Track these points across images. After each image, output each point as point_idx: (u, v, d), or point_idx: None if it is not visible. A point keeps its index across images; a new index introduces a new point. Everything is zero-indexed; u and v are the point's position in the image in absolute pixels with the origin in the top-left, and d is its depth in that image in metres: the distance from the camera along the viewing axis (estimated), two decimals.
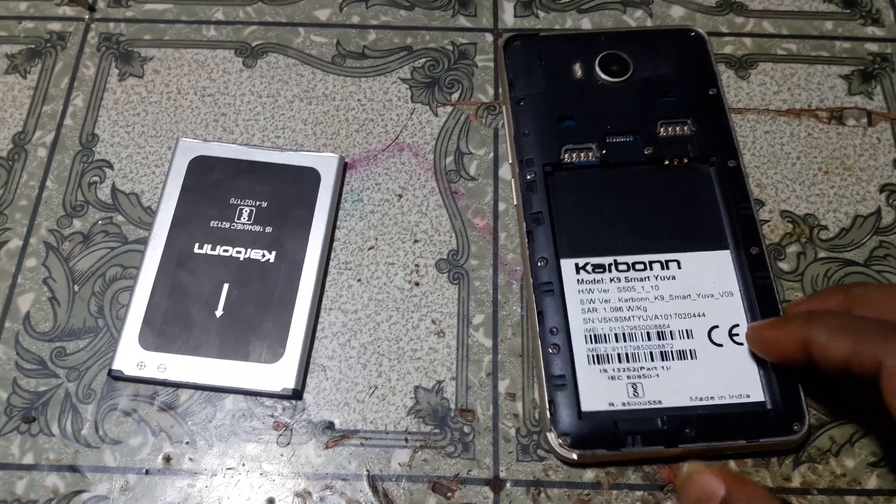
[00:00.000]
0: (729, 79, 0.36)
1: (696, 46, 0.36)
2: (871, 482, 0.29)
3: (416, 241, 0.33)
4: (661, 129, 0.33)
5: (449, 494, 0.28)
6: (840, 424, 0.30)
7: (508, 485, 0.28)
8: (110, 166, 0.34)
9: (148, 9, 0.38)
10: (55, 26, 0.38)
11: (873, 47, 0.37)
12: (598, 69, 0.35)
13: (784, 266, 0.32)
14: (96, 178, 0.34)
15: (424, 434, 0.29)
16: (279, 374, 0.29)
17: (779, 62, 0.37)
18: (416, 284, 0.32)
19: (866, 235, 0.33)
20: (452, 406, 0.30)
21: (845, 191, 0.34)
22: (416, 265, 0.32)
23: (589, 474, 0.29)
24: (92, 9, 0.38)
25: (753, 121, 0.35)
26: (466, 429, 0.29)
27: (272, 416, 0.29)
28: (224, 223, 0.32)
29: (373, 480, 0.29)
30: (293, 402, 0.30)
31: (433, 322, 0.31)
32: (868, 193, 0.34)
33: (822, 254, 0.33)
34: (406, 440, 0.29)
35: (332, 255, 0.33)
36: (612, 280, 0.31)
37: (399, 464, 0.29)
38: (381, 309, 0.31)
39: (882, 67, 0.37)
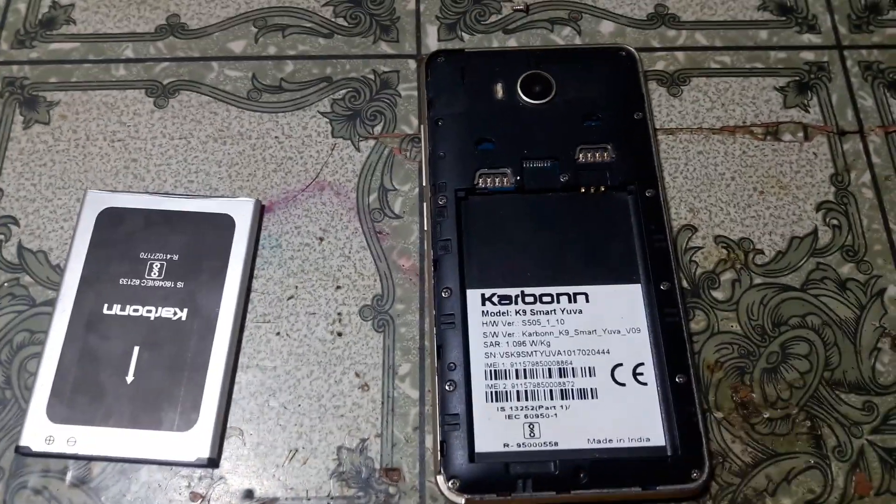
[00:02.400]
0: (661, 97, 0.35)
1: (626, 66, 0.34)
2: None
3: (338, 287, 0.32)
4: (581, 155, 0.32)
5: None
6: (776, 461, 0.29)
7: None
8: (16, 222, 0.33)
9: (53, 48, 0.36)
10: None
11: (809, 56, 0.36)
12: (519, 90, 0.33)
13: (718, 295, 0.31)
14: (1, 236, 0.32)
15: (348, 498, 0.28)
16: (193, 443, 0.28)
17: (712, 76, 0.36)
18: (339, 335, 0.31)
19: (803, 258, 0.32)
20: (377, 466, 0.29)
21: (781, 211, 0.33)
22: (339, 314, 0.31)
23: None
24: None
25: (686, 141, 0.34)
26: (392, 489, 0.28)
27: (188, 486, 0.28)
28: (134, 280, 0.31)
29: None
30: (210, 470, 0.28)
31: (357, 375, 0.30)
32: (804, 213, 0.33)
33: (757, 280, 0.32)
34: None
35: (250, 307, 0.31)
36: (517, 312, 0.30)
37: None
38: (301, 364, 0.30)
39: (818, 77, 0.36)
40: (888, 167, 0.34)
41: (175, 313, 0.30)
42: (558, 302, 0.30)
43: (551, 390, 0.29)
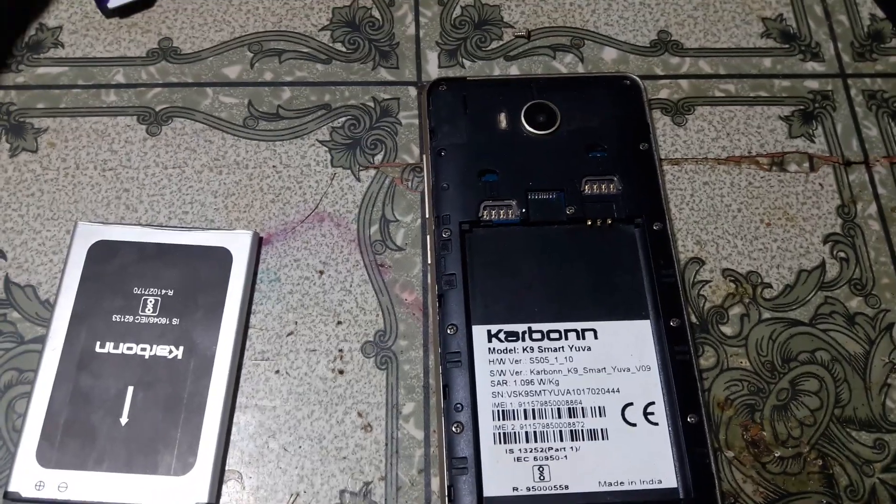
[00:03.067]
0: (665, 126, 0.35)
1: (630, 95, 0.34)
2: None
3: (339, 322, 0.31)
4: (587, 187, 0.32)
5: None
6: (788, 501, 0.28)
7: None
8: (3, 256, 0.32)
9: (41, 73, 0.35)
10: None
11: (813, 84, 0.36)
12: (523, 120, 0.33)
13: (727, 330, 0.31)
14: None
15: None
16: (191, 487, 0.27)
17: (717, 105, 0.35)
18: (341, 373, 0.30)
19: (811, 292, 0.32)
20: None
21: (788, 244, 0.33)
22: (340, 350, 0.30)
23: None
24: None
25: (692, 171, 0.34)
26: None
27: None
28: (127, 317, 0.30)
29: None
30: None
31: (359, 415, 0.29)
32: (812, 245, 0.32)
33: (766, 314, 0.31)
34: None
35: (248, 344, 0.30)
36: (524, 350, 0.29)
37: None
38: (302, 403, 0.29)
39: (823, 106, 0.35)
40: (894, 198, 0.33)
41: (170, 351, 0.29)
42: (566, 338, 0.29)
43: (561, 431, 0.28)
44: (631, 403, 0.28)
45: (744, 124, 0.35)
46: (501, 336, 0.29)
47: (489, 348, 0.29)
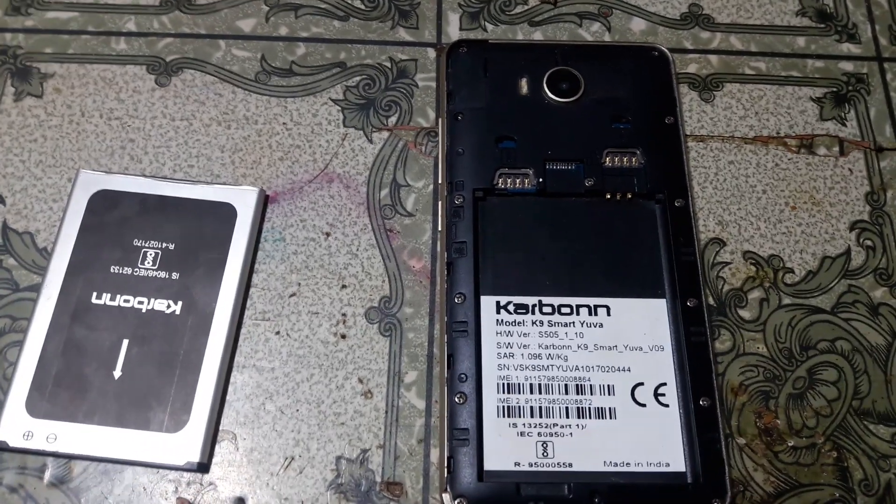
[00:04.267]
0: (692, 102, 0.33)
1: (658, 67, 0.32)
2: None
3: (344, 286, 0.30)
4: (608, 159, 0.30)
5: None
6: (799, 493, 0.27)
7: None
8: (2, 201, 0.31)
9: (50, 17, 0.34)
10: None
11: (848, 66, 0.34)
12: (545, 87, 0.32)
13: (745, 314, 0.30)
14: None
15: None
16: (183, 445, 0.26)
17: (746, 83, 0.34)
18: (343, 337, 0.29)
19: (834, 279, 0.30)
20: (378, 479, 0.27)
21: (813, 228, 0.31)
22: (344, 314, 0.29)
23: None
24: None
25: (717, 150, 0.32)
26: None
27: (176, 490, 0.26)
28: (126, 268, 0.29)
29: None
30: (199, 475, 0.27)
31: (360, 381, 0.28)
32: (837, 231, 0.31)
33: (786, 300, 0.30)
34: None
35: (248, 303, 0.29)
36: (534, 323, 0.28)
37: None
38: (301, 366, 0.28)
39: (857, 90, 0.34)
40: None
41: (168, 306, 0.28)
42: (578, 314, 0.28)
43: (567, 408, 0.27)
44: (641, 383, 0.27)
45: (773, 104, 0.33)
46: (510, 308, 0.28)
47: (497, 320, 0.28)
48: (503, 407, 0.27)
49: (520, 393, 0.27)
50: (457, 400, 0.27)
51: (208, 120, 0.32)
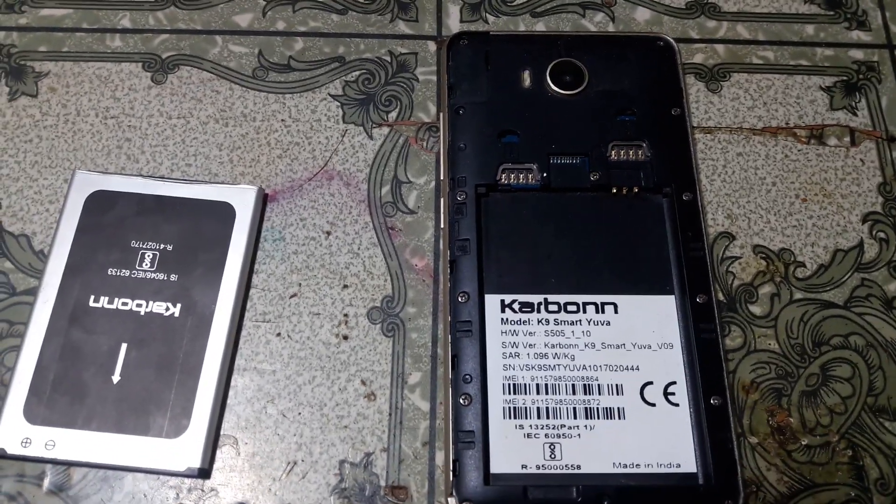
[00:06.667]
0: (699, 93, 0.33)
1: (664, 57, 0.32)
2: None
3: (345, 286, 0.29)
4: (613, 152, 0.30)
5: None
6: (814, 493, 0.26)
7: None
8: None
9: (44, 14, 0.33)
10: None
11: (858, 55, 0.34)
12: (549, 79, 0.31)
13: (756, 310, 0.29)
14: None
15: None
16: (183, 451, 0.26)
17: (754, 73, 0.33)
18: (345, 338, 0.28)
19: (847, 273, 0.30)
20: (382, 483, 0.26)
21: (825, 221, 0.31)
22: (346, 315, 0.29)
23: None
24: None
25: (725, 141, 0.32)
26: None
27: (177, 497, 0.26)
28: (124, 270, 0.28)
29: None
30: (200, 481, 0.26)
31: (363, 383, 0.28)
32: (849, 224, 0.31)
33: (798, 295, 0.29)
34: None
35: (249, 304, 0.29)
36: (539, 322, 0.27)
37: None
38: (303, 368, 0.28)
39: (868, 78, 0.33)
40: None
41: (167, 308, 0.28)
42: (584, 312, 0.28)
43: (574, 408, 0.26)
44: (651, 382, 0.27)
45: (782, 94, 0.33)
46: (515, 306, 0.28)
47: (502, 318, 0.27)
48: (509, 408, 0.26)
49: (526, 393, 0.26)
50: (462, 401, 0.26)
51: (205, 118, 0.32)
